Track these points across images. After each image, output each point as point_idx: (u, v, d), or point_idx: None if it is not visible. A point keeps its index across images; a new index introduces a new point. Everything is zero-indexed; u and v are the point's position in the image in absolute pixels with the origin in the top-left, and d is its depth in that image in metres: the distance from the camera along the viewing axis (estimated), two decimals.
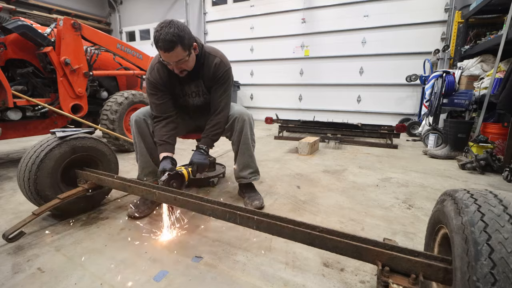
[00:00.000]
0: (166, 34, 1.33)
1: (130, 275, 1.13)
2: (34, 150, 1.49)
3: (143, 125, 1.70)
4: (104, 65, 3.40)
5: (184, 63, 1.48)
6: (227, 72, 1.66)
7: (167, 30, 1.33)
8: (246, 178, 1.85)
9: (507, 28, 3.01)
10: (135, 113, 1.73)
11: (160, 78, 1.61)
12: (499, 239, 0.57)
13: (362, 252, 0.86)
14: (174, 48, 1.37)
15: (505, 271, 0.53)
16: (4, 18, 2.64)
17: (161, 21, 1.39)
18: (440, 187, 2.25)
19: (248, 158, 1.81)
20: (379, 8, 5.70)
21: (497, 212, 0.62)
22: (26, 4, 7.27)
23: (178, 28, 1.36)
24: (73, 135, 1.57)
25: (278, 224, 1.00)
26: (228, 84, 1.70)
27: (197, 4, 7.71)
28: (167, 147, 1.62)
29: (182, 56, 1.44)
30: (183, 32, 1.38)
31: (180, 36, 1.36)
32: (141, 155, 1.74)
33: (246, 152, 1.79)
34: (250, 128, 1.76)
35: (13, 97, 2.42)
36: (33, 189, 1.46)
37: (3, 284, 1.07)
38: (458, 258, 0.62)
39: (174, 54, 1.40)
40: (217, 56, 1.64)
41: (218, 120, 1.70)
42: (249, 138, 1.76)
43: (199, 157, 1.59)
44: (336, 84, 6.37)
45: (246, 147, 1.77)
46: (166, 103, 1.67)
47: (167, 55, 1.40)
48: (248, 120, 1.75)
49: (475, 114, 3.61)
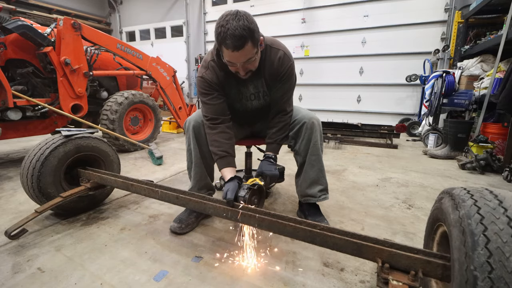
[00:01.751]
0: (235, 28, 1.09)
1: (130, 275, 1.13)
2: (39, 148, 1.50)
3: (202, 131, 1.48)
4: (104, 65, 3.40)
5: (251, 62, 1.24)
6: (291, 67, 1.41)
7: (235, 23, 1.10)
8: (315, 197, 1.54)
9: (507, 28, 3.01)
10: (191, 117, 1.51)
11: (217, 78, 1.39)
12: (495, 230, 0.59)
13: (362, 249, 0.86)
14: (245, 45, 1.14)
15: (501, 259, 0.55)
16: (4, 18, 2.64)
17: (224, 13, 1.15)
18: (440, 187, 2.25)
19: (319, 173, 1.52)
20: (379, 8, 5.70)
21: (492, 205, 0.64)
22: (26, 4, 7.27)
23: (248, 20, 1.12)
24: (78, 134, 1.59)
25: (280, 222, 1.01)
26: (292, 81, 1.46)
27: (197, 4, 7.71)
28: (230, 161, 1.38)
29: (252, 55, 1.20)
30: (253, 25, 1.14)
31: (250, 29, 1.12)
32: (196, 165, 1.53)
33: (316, 164, 1.50)
34: (320, 135, 1.50)
35: (13, 97, 2.42)
36: (35, 186, 1.46)
37: (3, 284, 1.07)
38: (456, 250, 0.64)
39: (243, 52, 1.16)
40: (280, 48, 1.38)
41: (285, 122, 1.49)
42: (319, 148, 1.49)
43: (270, 167, 1.40)
44: (336, 84, 6.37)
45: (316, 158, 1.49)
46: (223, 104, 1.43)
47: (235, 55, 1.16)
48: (319, 126, 1.49)
49: (475, 114, 3.62)
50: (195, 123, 1.48)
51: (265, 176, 1.37)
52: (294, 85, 1.49)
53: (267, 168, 1.39)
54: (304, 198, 1.58)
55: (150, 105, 3.59)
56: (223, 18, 1.13)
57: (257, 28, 1.17)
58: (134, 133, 3.58)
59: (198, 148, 1.50)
